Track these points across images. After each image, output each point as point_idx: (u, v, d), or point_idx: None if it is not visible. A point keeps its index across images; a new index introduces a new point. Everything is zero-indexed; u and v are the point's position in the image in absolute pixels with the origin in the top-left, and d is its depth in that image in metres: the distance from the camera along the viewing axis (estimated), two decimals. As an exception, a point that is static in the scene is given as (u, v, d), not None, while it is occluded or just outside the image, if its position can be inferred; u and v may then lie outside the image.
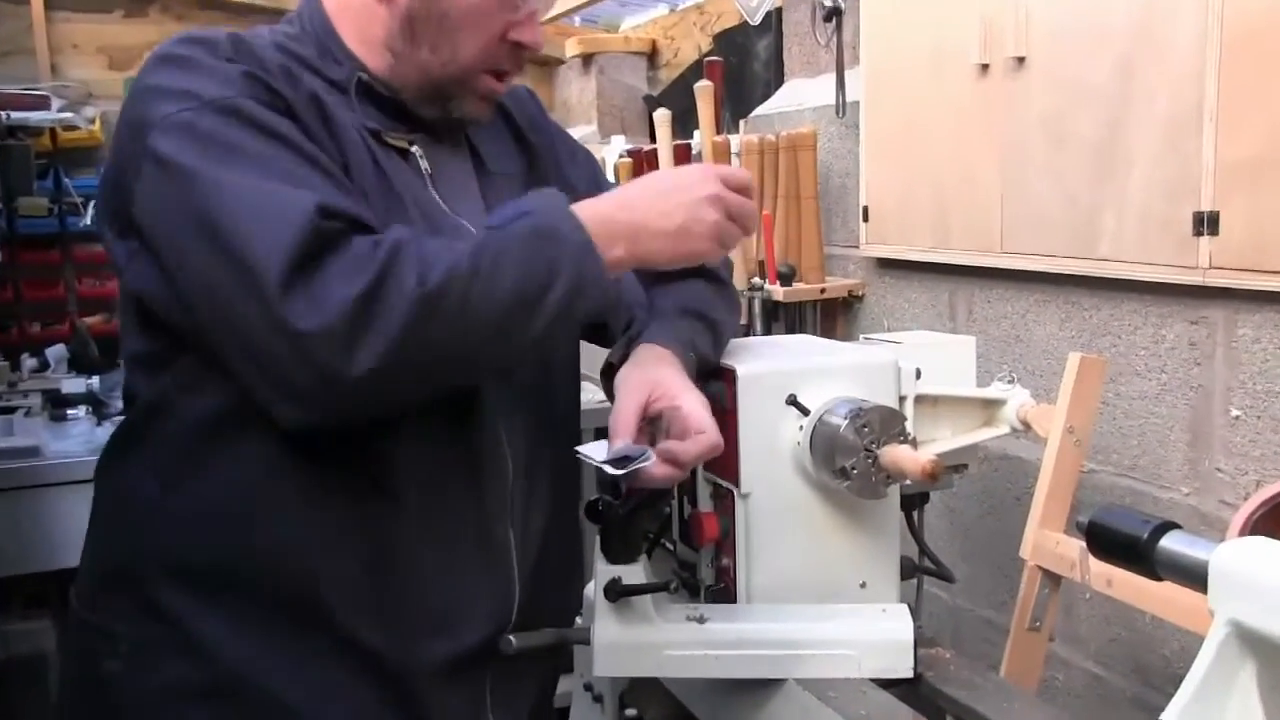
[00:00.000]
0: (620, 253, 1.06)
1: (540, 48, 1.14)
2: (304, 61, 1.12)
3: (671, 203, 1.09)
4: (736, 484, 1.21)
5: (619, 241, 1.06)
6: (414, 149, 1.16)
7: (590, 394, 1.56)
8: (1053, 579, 1.61)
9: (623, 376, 1.13)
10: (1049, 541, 1.59)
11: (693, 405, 1.09)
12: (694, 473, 1.29)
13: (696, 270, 1.27)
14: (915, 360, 1.34)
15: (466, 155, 1.23)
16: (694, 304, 1.24)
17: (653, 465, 1.05)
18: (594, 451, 1.08)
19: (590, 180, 1.33)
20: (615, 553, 1.12)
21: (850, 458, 1.15)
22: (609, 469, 1.04)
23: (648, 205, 1.08)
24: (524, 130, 1.29)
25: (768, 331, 2.61)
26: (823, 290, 2.55)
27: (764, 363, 1.25)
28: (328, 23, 1.16)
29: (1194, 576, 0.79)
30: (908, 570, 1.35)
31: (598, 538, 1.14)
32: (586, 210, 1.05)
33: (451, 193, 1.18)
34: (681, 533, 1.34)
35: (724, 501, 1.25)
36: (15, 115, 3.59)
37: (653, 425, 1.10)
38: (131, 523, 1.11)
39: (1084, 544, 0.91)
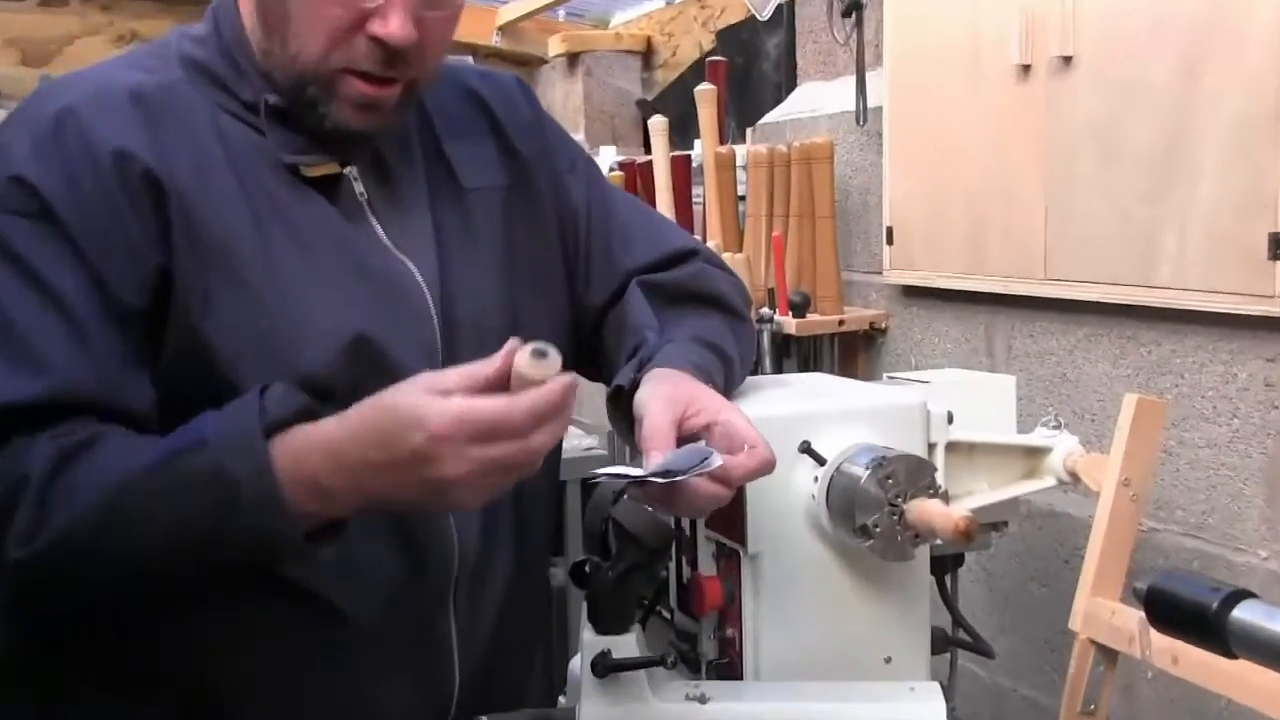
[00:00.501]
0: (335, 510, 1.01)
1: (406, 41, 1.10)
2: (215, 79, 1.15)
3: (399, 479, 0.98)
4: (743, 543, 1.22)
5: (333, 501, 1.00)
6: (348, 172, 1.18)
7: (571, 440, 1.57)
8: (1108, 655, 1.60)
9: (647, 395, 1.14)
10: (1103, 611, 1.59)
11: (739, 420, 1.10)
12: (693, 531, 1.30)
13: (713, 299, 1.31)
14: (947, 402, 1.34)
15: (419, 174, 1.24)
16: (710, 335, 1.26)
17: (716, 466, 1.05)
18: (625, 470, 1.08)
19: (589, 194, 1.34)
20: (605, 622, 1.12)
21: (873, 514, 1.16)
22: (658, 479, 1.04)
23: (371, 478, 0.98)
24: (510, 135, 1.30)
25: (778, 369, 2.62)
26: (841, 322, 2.57)
27: (774, 405, 1.26)
28: (237, 24, 1.17)
29: (1274, 653, 0.79)
30: (939, 643, 1.35)
31: (584, 605, 1.14)
32: (288, 457, 0.99)
33: (399, 221, 1.20)
34: (680, 599, 1.34)
35: (728, 563, 1.25)
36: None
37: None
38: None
39: (1143, 615, 0.91)
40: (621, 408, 1.19)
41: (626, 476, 1.08)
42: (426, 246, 1.20)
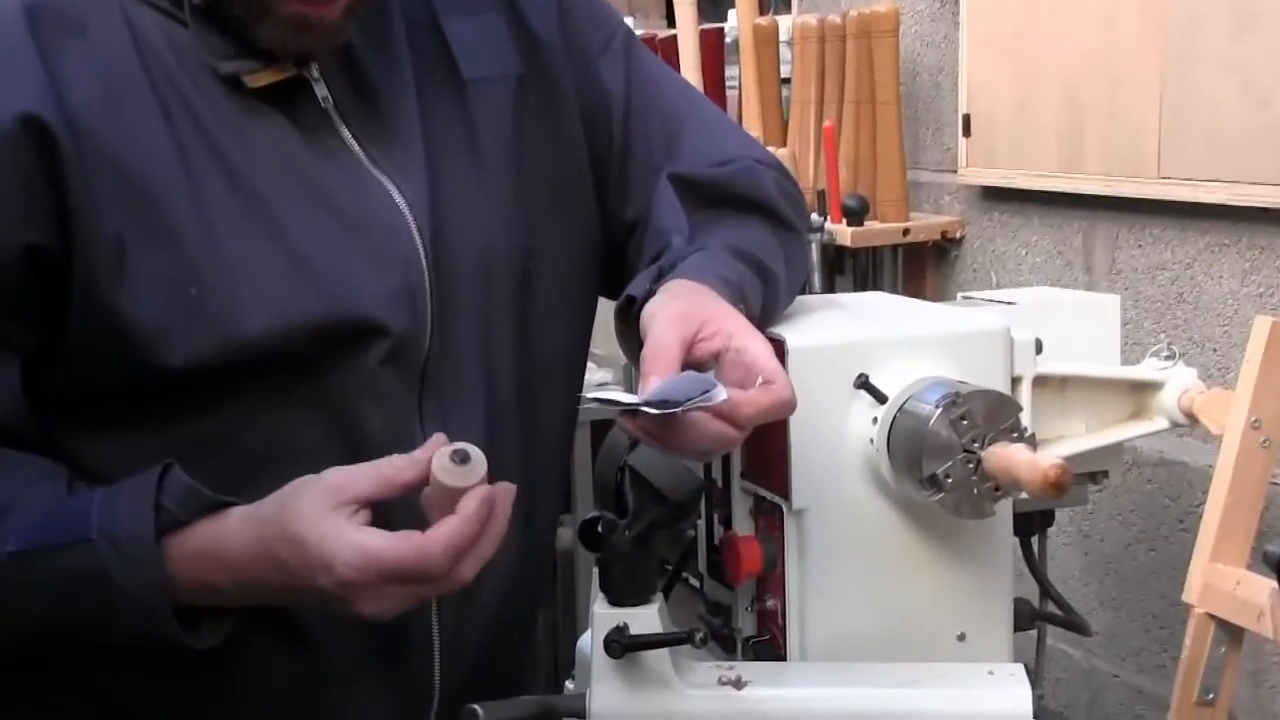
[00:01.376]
0: (234, 603, 1.12)
1: None
2: None
3: (307, 601, 1.10)
4: (786, 497, 1.23)
5: (230, 600, 1.10)
6: (308, 72, 1.16)
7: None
8: (1231, 633, 1.60)
9: (655, 308, 1.16)
10: (1225, 581, 1.59)
11: (758, 348, 1.11)
12: (727, 481, 1.30)
13: (758, 204, 1.30)
14: (1035, 327, 1.35)
15: (403, 61, 1.22)
16: (749, 246, 1.26)
17: (719, 402, 1.06)
18: (616, 395, 1.10)
19: (629, 80, 1.33)
20: (621, 591, 1.13)
21: (944, 461, 1.17)
22: (650, 410, 1.05)
23: (276, 595, 1.10)
24: (525, 10, 1.29)
25: (830, 288, 2.62)
26: (905, 231, 2.57)
27: (824, 331, 1.26)
28: None
29: None
30: (1024, 618, 1.37)
31: (595, 571, 1.15)
32: (185, 562, 1.08)
33: (377, 128, 1.19)
34: (711, 564, 1.35)
35: (769, 521, 1.26)
36: None
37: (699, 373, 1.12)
38: None
39: (1276, 585, 0.91)
40: (632, 324, 1.19)
41: (616, 403, 1.09)
42: (413, 160, 1.20)
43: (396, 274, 1.17)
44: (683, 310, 1.13)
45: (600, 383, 2.90)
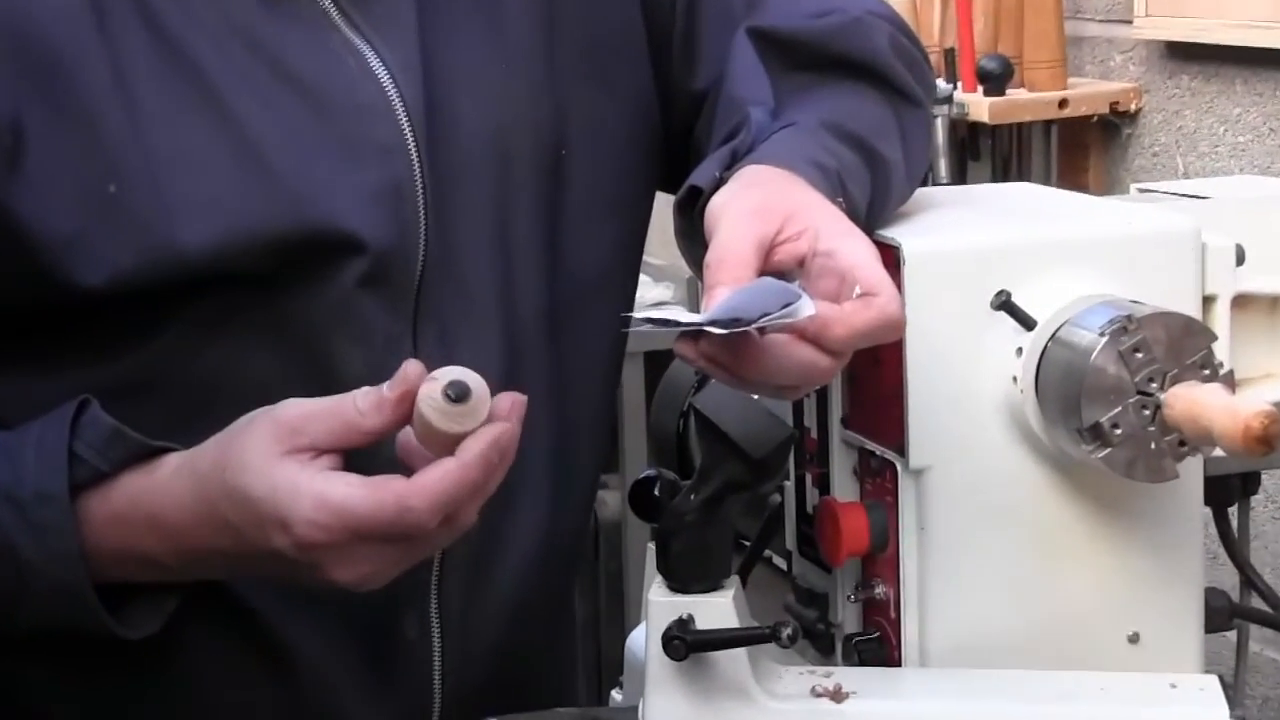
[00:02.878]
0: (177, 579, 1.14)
1: None
2: None
3: (266, 569, 1.11)
4: (901, 452, 1.23)
5: (172, 574, 1.13)
6: None
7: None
8: None
9: (725, 200, 1.14)
10: None
11: (857, 251, 1.10)
12: (824, 429, 1.30)
13: (864, 68, 1.29)
14: (1235, 230, 1.34)
15: None
16: (852, 122, 1.26)
17: (804, 318, 1.05)
18: (674, 314, 1.09)
19: None
20: (684, 574, 1.14)
21: (1111, 407, 1.16)
22: (715, 330, 1.04)
23: (226, 564, 1.12)
24: None
25: (961, 177, 2.61)
26: (1063, 103, 2.56)
27: (952, 234, 1.26)
28: None
29: None
30: (1219, 615, 1.36)
31: (651, 547, 1.16)
32: (109, 527, 1.09)
33: None
34: (802, 539, 1.35)
35: (878, 485, 1.26)
36: None
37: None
38: None
39: None
40: (696, 222, 1.19)
41: (673, 323, 1.08)
42: (400, 15, 1.20)
43: (375, 168, 1.18)
44: (760, 203, 1.12)
45: (656, 302, 2.90)
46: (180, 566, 1.10)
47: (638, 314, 1.16)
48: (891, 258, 1.19)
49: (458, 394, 1.01)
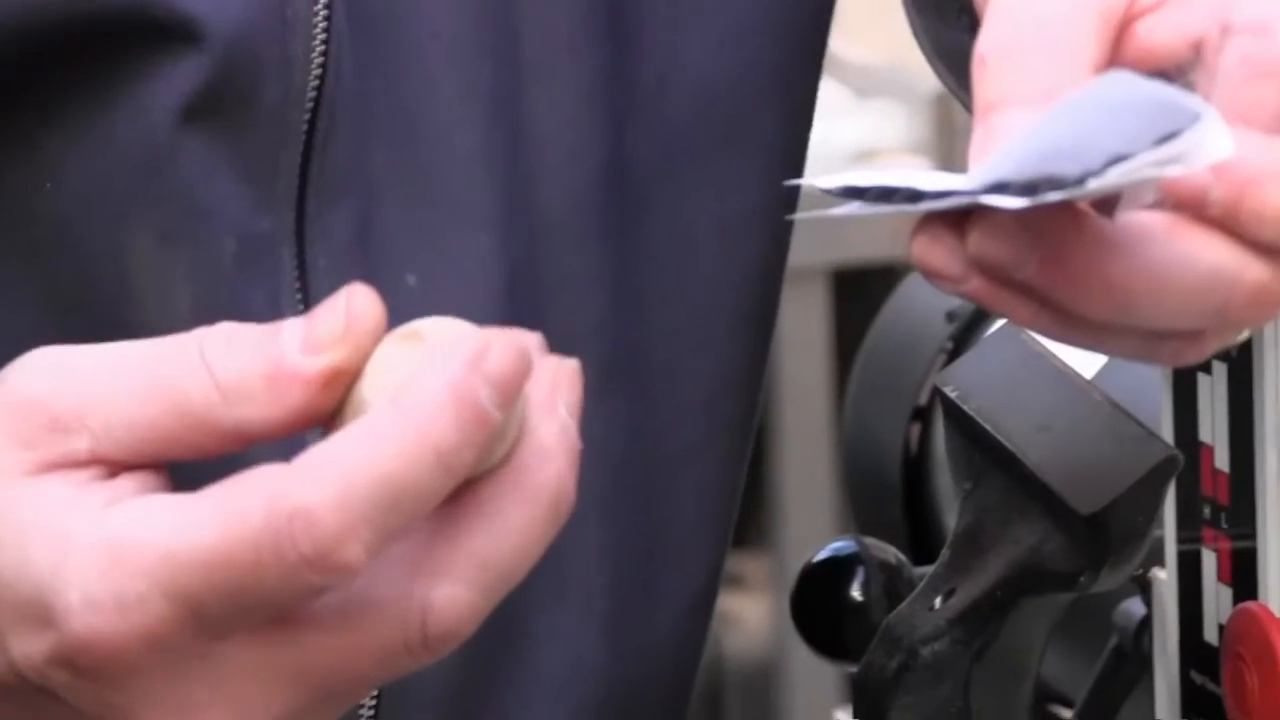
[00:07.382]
0: None
1: None
2: None
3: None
4: None
5: None
6: None
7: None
8: None
9: None
10: None
11: None
12: (1242, 453, 0.93)
13: None
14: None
15: None
16: None
17: (1207, 166, 0.69)
18: (902, 176, 0.77)
19: None
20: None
21: None
22: (1004, 202, 0.72)
23: None
24: None
25: None
26: None
27: None
28: None
29: None
30: None
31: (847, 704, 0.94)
32: None
33: None
34: (1190, 697, 1.02)
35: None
36: None
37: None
38: None
39: None
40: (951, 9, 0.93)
41: (906, 194, 0.70)
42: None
43: None
44: None
45: (862, 153, 2.38)
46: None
47: (817, 178, 0.76)
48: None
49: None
